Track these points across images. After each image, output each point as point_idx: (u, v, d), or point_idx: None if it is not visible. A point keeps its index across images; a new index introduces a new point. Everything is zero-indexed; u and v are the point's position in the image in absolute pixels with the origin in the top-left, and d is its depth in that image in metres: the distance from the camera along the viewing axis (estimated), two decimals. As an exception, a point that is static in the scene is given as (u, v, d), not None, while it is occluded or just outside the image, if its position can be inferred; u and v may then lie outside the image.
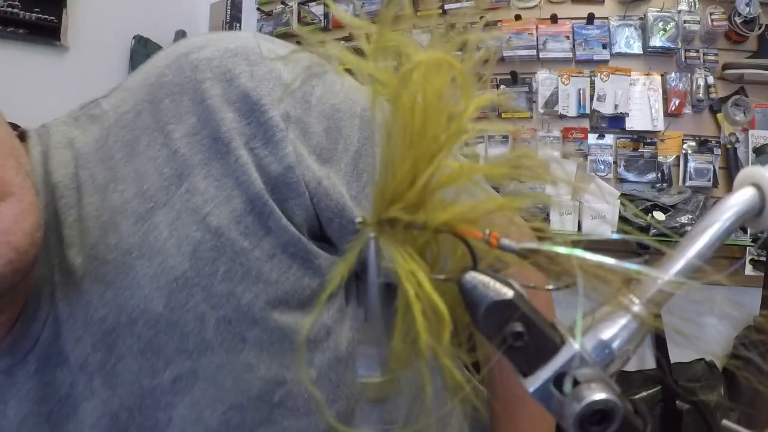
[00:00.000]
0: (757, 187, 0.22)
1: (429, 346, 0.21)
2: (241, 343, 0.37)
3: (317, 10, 2.15)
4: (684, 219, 1.60)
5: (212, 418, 0.37)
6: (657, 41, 1.73)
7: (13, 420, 0.37)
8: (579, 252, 0.20)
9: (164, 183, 0.37)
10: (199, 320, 0.37)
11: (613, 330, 0.21)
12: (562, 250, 0.20)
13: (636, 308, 0.21)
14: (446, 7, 1.93)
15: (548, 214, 1.46)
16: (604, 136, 1.79)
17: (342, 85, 0.42)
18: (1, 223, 0.30)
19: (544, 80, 1.83)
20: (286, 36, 2.20)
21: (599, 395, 0.19)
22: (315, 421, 0.39)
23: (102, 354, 0.37)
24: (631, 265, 0.20)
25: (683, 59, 1.73)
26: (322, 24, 2.13)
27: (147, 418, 0.38)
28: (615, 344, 0.20)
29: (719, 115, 1.72)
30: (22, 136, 0.42)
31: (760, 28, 1.65)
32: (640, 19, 1.78)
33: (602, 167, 1.78)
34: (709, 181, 1.71)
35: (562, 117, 1.82)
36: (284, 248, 0.37)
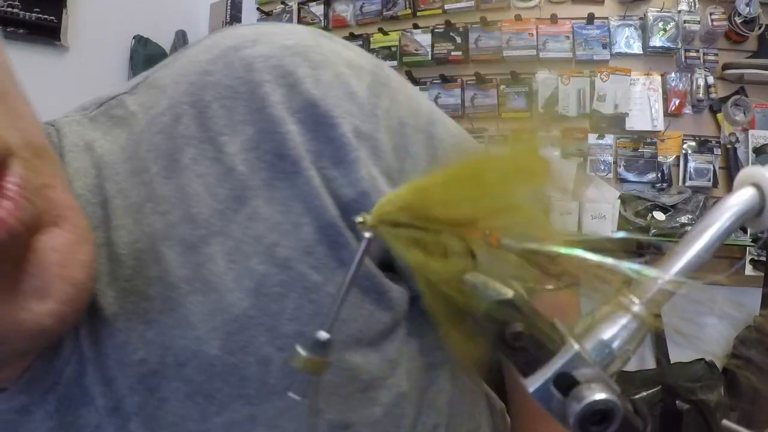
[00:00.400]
0: (757, 187, 0.22)
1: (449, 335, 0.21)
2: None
3: (317, 10, 2.15)
4: (684, 219, 1.60)
5: None
6: (657, 41, 1.73)
7: None
8: (579, 252, 0.20)
9: (219, 206, 0.32)
10: (263, 363, 0.32)
11: (613, 330, 0.21)
12: (562, 250, 0.20)
13: (636, 308, 0.21)
14: (446, 7, 1.93)
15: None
16: (604, 136, 1.79)
17: (405, 95, 0.38)
18: (56, 255, 0.25)
19: (544, 80, 1.83)
20: (286, 36, 2.21)
21: (599, 395, 0.19)
22: None
23: (141, 397, 0.32)
24: (631, 265, 0.20)
25: (683, 59, 1.73)
26: (322, 24, 2.13)
27: None
28: (615, 344, 0.20)
29: (719, 115, 1.72)
30: None
31: (760, 28, 1.65)
32: (640, 19, 1.78)
33: (602, 167, 1.78)
34: (709, 181, 1.71)
35: (562, 117, 1.82)
36: (357, 282, 0.32)
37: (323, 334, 0.22)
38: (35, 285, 0.25)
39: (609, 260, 0.20)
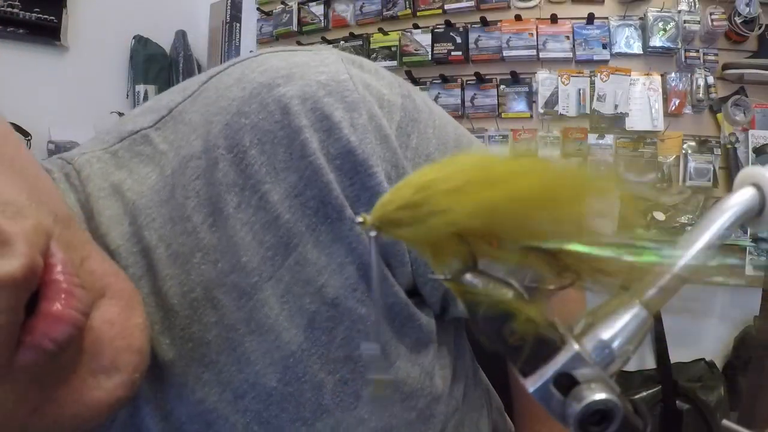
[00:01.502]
0: (757, 187, 0.22)
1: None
2: (356, 401, 0.35)
3: (317, 10, 2.15)
4: (684, 219, 1.60)
5: None
6: (657, 41, 1.72)
7: None
8: (580, 249, 0.20)
9: (267, 254, 0.33)
10: (317, 388, 0.34)
11: (613, 330, 0.21)
12: (563, 247, 0.20)
13: (636, 308, 0.21)
14: (446, 7, 1.93)
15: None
16: (604, 136, 1.79)
17: (432, 126, 0.38)
18: (113, 328, 0.25)
19: (544, 80, 1.83)
20: (286, 36, 2.20)
21: (599, 395, 0.19)
22: None
23: (199, 426, 0.33)
24: (631, 263, 0.20)
25: (683, 59, 1.73)
26: (322, 24, 2.13)
27: None
28: (615, 344, 0.20)
29: (719, 115, 1.72)
30: None
31: (760, 28, 1.65)
32: (640, 19, 1.78)
33: (602, 167, 1.78)
34: (709, 181, 1.71)
35: (562, 117, 1.82)
36: (395, 312, 0.36)
37: (374, 346, 0.23)
38: (101, 363, 0.25)
39: (610, 257, 0.20)
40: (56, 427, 0.24)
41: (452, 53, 1.90)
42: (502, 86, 1.87)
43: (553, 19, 1.81)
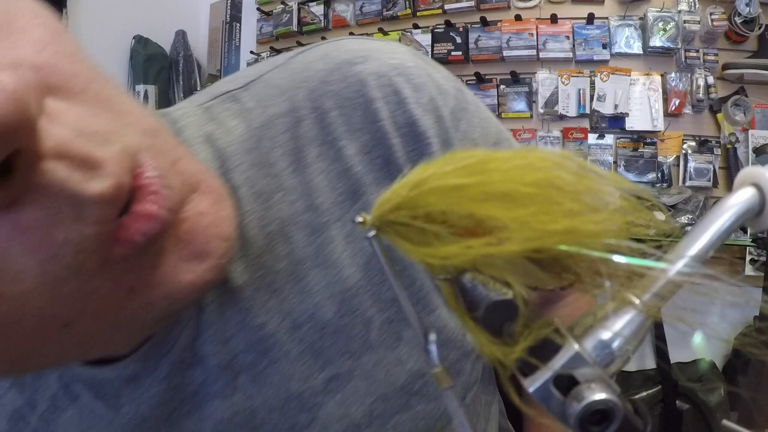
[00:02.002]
0: (757, 187, 0.22)
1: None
2: (397, 341, 0.39)
3: (317, 10, 2.15)
4: (684, 219, 1.60)
5: (358, 412, 0.38)
6: (657, 41, 1.73)
7: (126, 425, 0.35)
8: (580, 250, 0.20)
9: (338, 198, 0.38)
10: (366, 324, 0.38)
11: (613, 330, 0.21)
12: (563, 248, 0.20)
13: (636, 308, 0.21)
14: (446, 7, 1.93)
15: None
16: (604, 136, 1.79)
17: (479, 117, 0.43)
18: (206, 218, 0.28)
19: (544, 80, 1.83)
20: (286, 36, 2.21)
21: (599, 395, 0.19)
22: (440, 405, 0.42)
23: (254, 356, 0.36)
24: (631, 263, 0.20)
25: (683, 59, 1.73)
26: (322, 24, 2.13)
27: (285, 420, 0.38)
28: (615, 344, 0.20)
29: (719, 115, 1.72)
30: None
31: (760, 28, 1.65)
32: (640, 19, 1.78)
33: (602, 167, 1.78)
34: (709, 181, 1.71)
35: (562, 117, 1.82)
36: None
37: (432, 336, 0.23)
38: (194, 249, 0.28)
39: (611, 257, 0.20)
40: (149, 308, 0.27)
41: (452, 53, 1.91)
42: (502, 86, 1.88)
43: (553, 19, 1.82)
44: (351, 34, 2.06)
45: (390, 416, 0.40)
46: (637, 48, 1.77)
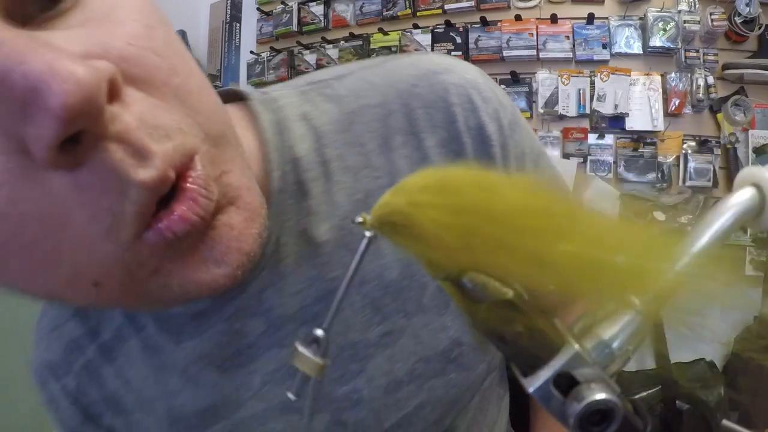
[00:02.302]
0: (757, 187, 0.22)
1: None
2: (445, 308, 0.44)
3: (317, 10, 2.15)
4: (684, 219, 1.60)
5: (401, 370, 0.43)
6: (657, 41, 1.72)
7: (181, 360, 0.40)
8: (579, 251, 0.20)
9: None
10: (422, 288, 0.43)
11: (613, 330, 0.21)
12: (564, 248, 0.20)
13: (636, 308, 0.21)
14: (446, 7, 1.93)
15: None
16: (604, 136, 1.79)
17: (527, 132, 0.49)
18: (234, 231, 0.31)
19: (544, 80, 1.83)
20: (286, 36, 2.20)
21: (599, 395, 0.19)
22: (472, 376, 0.46)
23: (320, 307, 0.41)
24: (630, 264, 0.20)
25: (683, 59, 1.73)
26: (322, 24, 2.13)
27: (337, 368, 0.42)
28: (615, 344, 0.20)
29: (719, 115, 1.72)
30: (237, 95, 0.44)
31: (760, 28, 1.65)
32: (640, 19, 1.78)
33: (602, 167, 1.78)
34: (709, 181, 1.71)
35: (562, 117, 1.82)
36: None
37: (319, 331, 0.23)
38: (214, 254, 0.30)
39: (609, 258, 0.20)
40: (167, 290, 0.30)
41: (452, 53, 1.90)
42: (502, 86, 1.87)
43: (553, 19, 1.81)
44: (351, 34, 2.06)
45: (428, 378, 0.43)
46: (637, 48, 1.77)
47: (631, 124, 1.76)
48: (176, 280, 0.30)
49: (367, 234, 0.22)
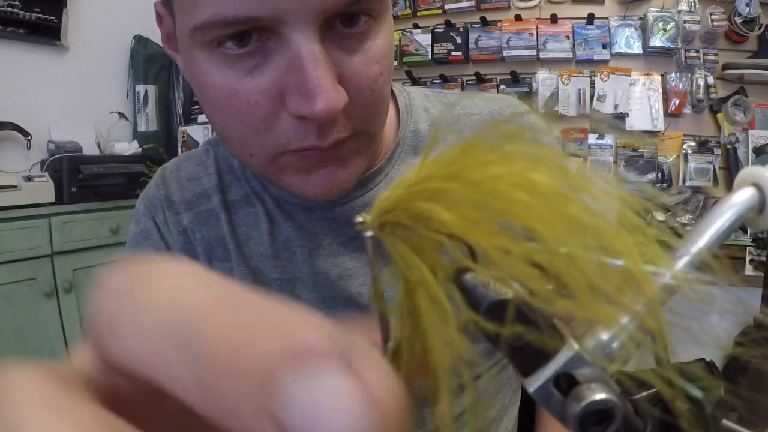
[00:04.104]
0: (757, 187, 0.22)
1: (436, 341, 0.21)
2: None
3: (317, 10, 2.15)
4: (684, 219, 1.60)
5: None
6: (657, 41, 1.73)
7: (276, 235, 0.52)
8: (579, 252, 0.20)
9: None
10: None
11: (613, 330, 0.21)
12: (564, 249, 0.20)
13: (636, 308, 0.21)
14: (446, 7, 1.93)
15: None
16: (604, 136, 1.79)
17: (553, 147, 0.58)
18: (345, 173, 0.44)
19: (544, 80, 1.83)
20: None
21: (599, 395, 0.19)
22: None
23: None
24: (631, 264, 0.20)
25: (683, 59, 1.73)
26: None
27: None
28: (615, 344, 0.20)
29: (719, 115, 1.73)
30: None
31: (760, 28, 1.65)
32: (640, 19, 1.78)
33: (602, 167, 1.78)
34: (709, 181, 1.71)
35: (562, 117, 1.82)
36: None
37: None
38: (326, 176, 0.44)
39: (609, 259, 0.20)
40: (286, 186, 0.44)
41: (452, 53, 1.91)
42: (502, 86, 1.88)
43: (553, 19, 1.82)
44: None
45: None
46: (637, 48, 1.78)
47: (631, 124, 1.77)
48: (292, 180, 0.43)
49: (368, 234, 0.22)
